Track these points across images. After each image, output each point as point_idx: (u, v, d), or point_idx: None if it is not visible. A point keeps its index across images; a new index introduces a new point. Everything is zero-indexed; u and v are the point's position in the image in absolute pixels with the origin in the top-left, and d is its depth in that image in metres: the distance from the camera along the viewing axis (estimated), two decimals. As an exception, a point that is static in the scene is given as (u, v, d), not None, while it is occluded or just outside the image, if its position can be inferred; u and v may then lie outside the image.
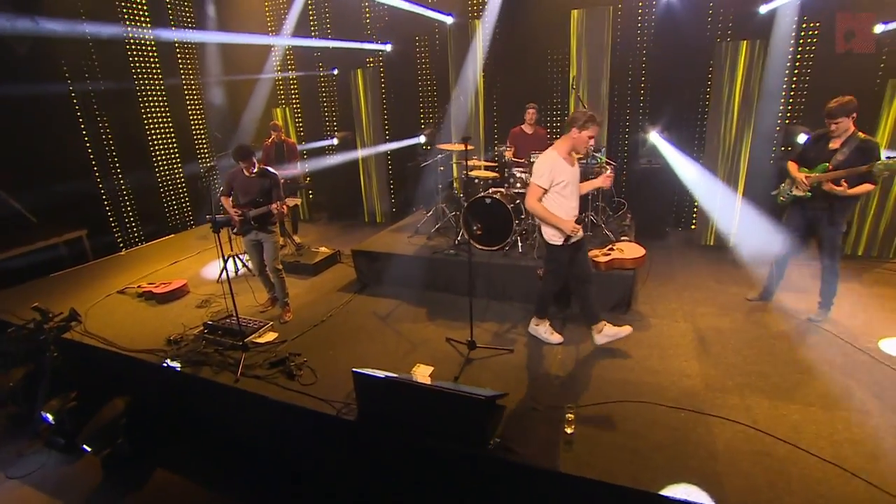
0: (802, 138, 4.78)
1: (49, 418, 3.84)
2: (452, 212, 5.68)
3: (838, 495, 2.37)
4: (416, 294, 4.97)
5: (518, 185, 5.14)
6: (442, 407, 2.86)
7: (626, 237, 5.02)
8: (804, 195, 3.74)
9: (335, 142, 7.93)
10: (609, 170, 3.29)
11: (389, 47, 7.62)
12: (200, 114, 8.54)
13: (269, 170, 4.34)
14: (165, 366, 3.84)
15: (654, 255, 5.11)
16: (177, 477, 3.61)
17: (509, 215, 4.75)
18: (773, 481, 2.47)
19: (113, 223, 7.01)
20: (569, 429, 2.85)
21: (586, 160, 5.14)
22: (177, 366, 3.81)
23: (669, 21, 6.04)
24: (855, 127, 3.50)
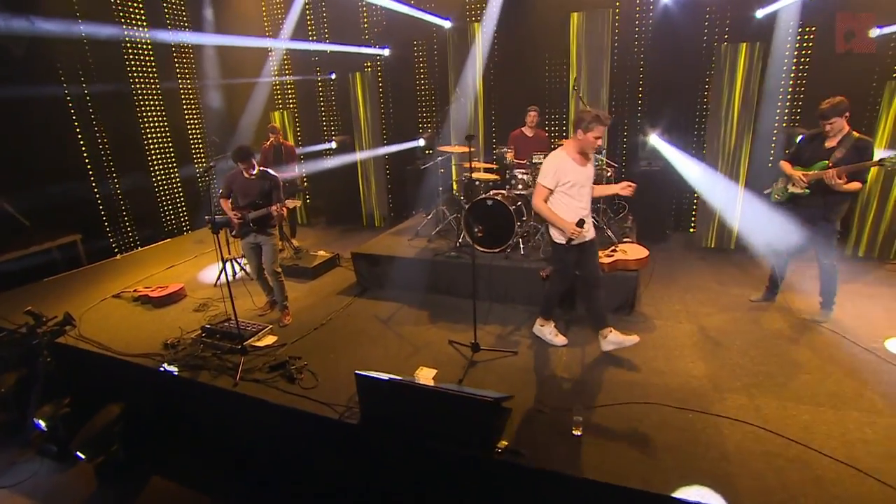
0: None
1: (41, 425, 3.74)
2: (453, 214, 5.65)
3: (853, 496, 2.33)
4: (418, 297, 4.91)
5: (520, 186, 5.12)
6: (447, 409, 2.80)
7: (628, 238, 4.99)
8: (802, 192, 3.80)
9: (333, 145, 7.90)
10: (631, 186, 3.33)
11: (387, 52, 7.62)
12: (197, 117, 8.48)
13: (270, 171, 4.29)
14: (162, 370, 3.75)
15: (655, 257, 5.09)
16: (173, 485, 3.53)
17: (511, 217, 4.71)
18: (787, 482, 2.42)
19: (108, 227, 6.91)
20: (577, 431, 2.81)
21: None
22: (174, 370, 3.73)
23: (667, 24, 6.07)
24: (849, 126, 3.60)
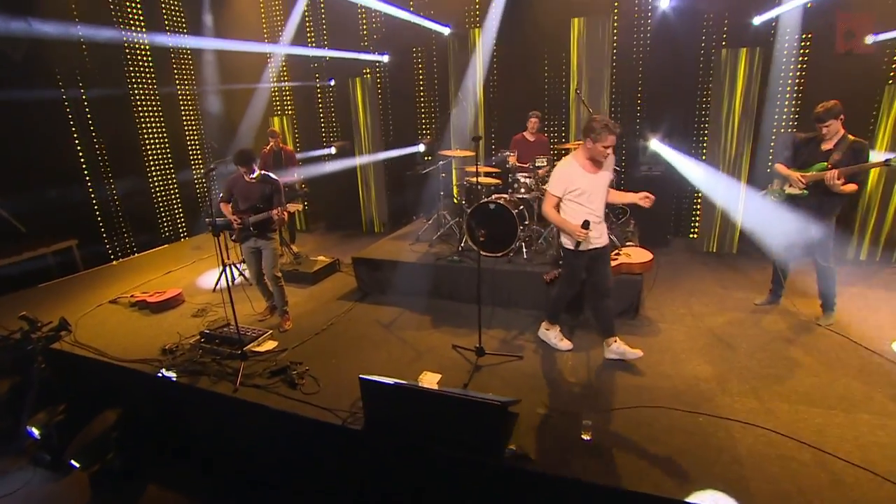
0: None
1: (35, 433, 3.64)
2: (454, 219, 5.61)
3: (871, 500, 2.28)
4: (420, 302, 4.86)
5: (522, 190, 5.09)
6: (453, 414, 2.74)
7: (631, 242, 4.97)
8: (801, 193, 3.84)
9: (333, 151, 7.88)
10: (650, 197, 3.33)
11: (387, 58, 7.63)
12: (195, 122, 8.45)
13: (271, 175, 4.25)
14: (160, 376, 3.67)
15: (658, 261, 5.07)
16: (171, 493, 3.43)
17: (514, 221, 4.68)
18: (803, 486, 2.37)
19: (104, 233, 6.83)
20: (585, 435, 2.76)
21: None
22: (172, 376, 3.65)
23: (665, 31, 6.11)
24: (844, 129, 3.66)
